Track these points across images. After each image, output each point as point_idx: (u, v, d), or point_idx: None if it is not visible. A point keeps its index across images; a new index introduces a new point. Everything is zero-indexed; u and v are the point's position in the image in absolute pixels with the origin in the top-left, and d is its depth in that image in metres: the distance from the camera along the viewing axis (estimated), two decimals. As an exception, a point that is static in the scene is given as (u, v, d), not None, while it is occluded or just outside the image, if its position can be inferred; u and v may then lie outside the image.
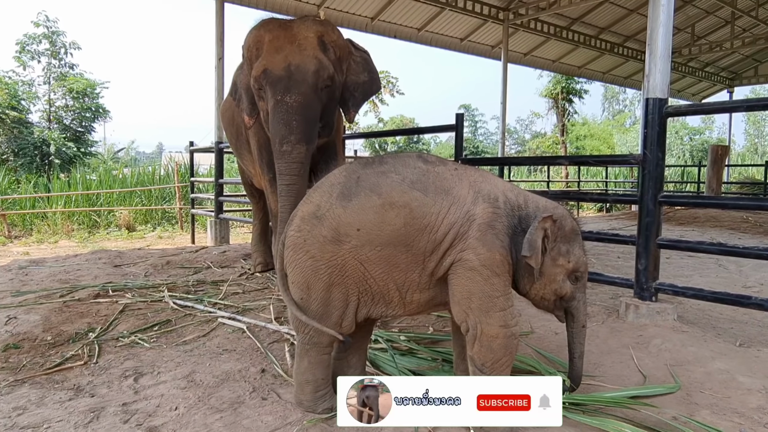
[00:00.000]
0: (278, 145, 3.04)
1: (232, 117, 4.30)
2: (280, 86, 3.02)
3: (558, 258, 1.90)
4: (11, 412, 2.05)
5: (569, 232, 1.93)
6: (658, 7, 2.97)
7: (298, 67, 3.04)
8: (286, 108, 3.00)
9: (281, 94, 3.01)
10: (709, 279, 4.33)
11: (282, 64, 3.03)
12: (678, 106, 3.09)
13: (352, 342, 2.09)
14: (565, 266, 1.90)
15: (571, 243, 1.92)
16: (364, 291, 1.90)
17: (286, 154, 3.03)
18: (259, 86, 3.13)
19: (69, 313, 3.29)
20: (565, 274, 1.91)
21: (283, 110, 3.00)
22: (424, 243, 1.82)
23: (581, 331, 2.01)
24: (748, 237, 6.91)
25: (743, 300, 2.80)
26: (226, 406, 2.10)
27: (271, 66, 3.05)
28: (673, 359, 2.55)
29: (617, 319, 3.11)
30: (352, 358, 2.17)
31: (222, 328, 3.05)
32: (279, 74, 3.02)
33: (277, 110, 3.02)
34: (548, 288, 1.91)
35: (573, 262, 1.92)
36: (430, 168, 1.92)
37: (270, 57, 3.08)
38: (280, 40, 3.12)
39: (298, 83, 3.02)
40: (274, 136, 3.08)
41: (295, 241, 1.90)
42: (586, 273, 2.01)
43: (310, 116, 3.10)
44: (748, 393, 2.22)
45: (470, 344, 1.87)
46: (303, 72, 3.04)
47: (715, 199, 6.38)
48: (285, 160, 3.05)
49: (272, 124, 3.07)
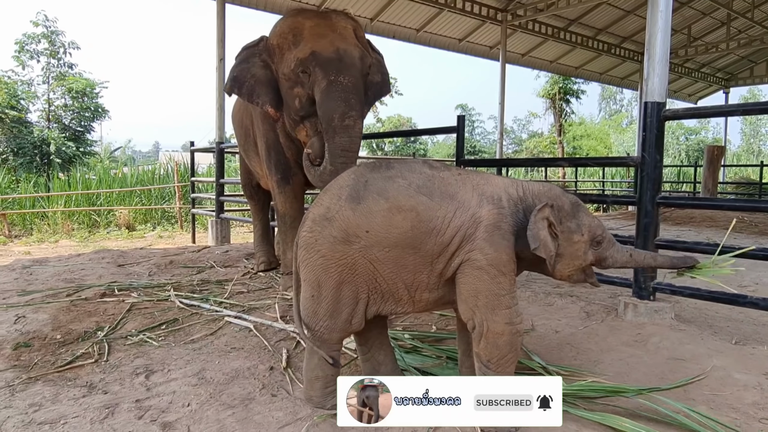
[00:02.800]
0: (339, 120, 2.95)
1: (242, 119, 4.34)
2: (332, 67, 2.99)
3: (572, 236, 1.95)
4: (27, 409, 2.10)
5: (571, 209, 1.97)
6: (656, 13, 3.04)
7: (346, 52, 3.05)
8: (342, 87, 2.98)
9: (334, 75, 2.98)
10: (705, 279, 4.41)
11: (330, 47, 3.03)
12: (676, 110, 3.15)
13: (372, 341, 2.15)
14: (582, 240, 1.96)
15: (577, 216, 1.97)
16: (374, 289, 1.96)
17: (350, 128, 2.97)
18: (304, 69, 3.06)
19: (77, 312, 3.34)
20: (585, 247, 1.97)
21: (340, 89, 2.98)
22: (431, 245, 1.88)
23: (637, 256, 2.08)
24: (743, 237, 6.99)
25: (739, 299, 2.87)
26: (237, 402, 2.16)
27: (320, 48, 3.03)
28: (670, 356, 2.62)
29: (616, 318, 3.18)
30: (379, 355, 2.22)
31: (229, 327, 3.10)
32: (329, 56, 3.01)
33: (332, 89, 2.98)
34: (573, 265, 1.98)
35: (587, 232, 1.97)
36: (435, 173, 1.98)
37: (316, 41, 3.06)
38: (322, 27, 3.13)
39: (348, 66, 3.02)
40: (331, 113, 2.97)
41: (307, 241, 1.97)
42: (606, 233, 2.03)
43: (362, 98, 3.12)
44: (743, 389, 2.29)
45: (476, 341, 1.93)
46: (351, 57, 3.06)
47: (712, 201, 6.47)
48: (348, 134, 2.98)
49: (327, 102, 2.99)
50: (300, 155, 3.73)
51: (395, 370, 2.24)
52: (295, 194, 3.84)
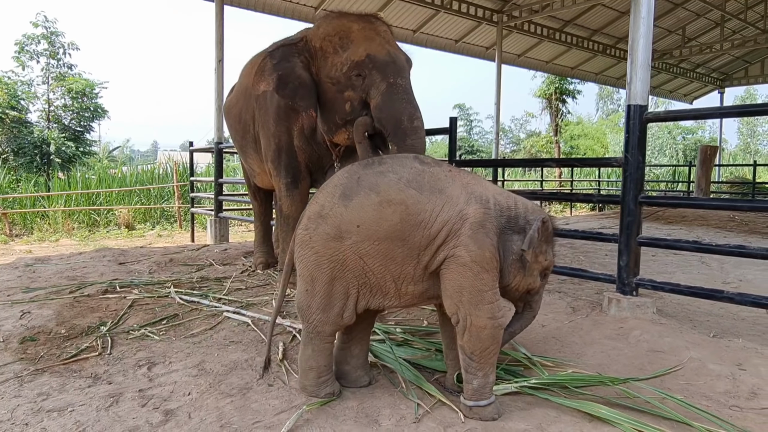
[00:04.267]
0: (407, 122, 2.95)
1: (239, 114, 4.28)
2: (390, 69, 3.01)
3: (539, 256, 2.08)
4: (36, 398, 2.21)
5: (550, 234, 2.11)
6: (638, 19, 3.16)
7: (396, 55, 3.09)
8: (403, 89, 3.00)
9: (393, 77, 3.00)
10: (691, 275, 4.54)
11: (383, 50, 3.05)
12: (657, 113, 3.28)
13: (355, 333, 2.27)
14: (542, 263, 2.09)
15: (549, 244, 2.11)
16: (364, 284, 2.07)
17: (419, 129, 2.97)
18: (359, 72, 3.05)
19: (80, 308, 3.45)
20: (539, 270, 2.11)
21: (402, 90, 2.99)
22: (419, 238, 1.99)
23: (532, 318, 2.25)
24: (733, 235, 7.12)
25: (716, 294, 2.99)
26: (235, 391, 2.27)
27: (374, 51, 3.03)
28: (650, 349, 2.74)
29: (600, 313, 3.30)
30: (354, 348, 2.34)
31: (227, 322, 3.21)
32: (385, 59, 3.03)
33: (394, 91, 2.98)
34: (525, 282, 2.10)
35: (548, 260, 2.11)
36: (426, 168, 2.09)
37: (369, 44, 3.06)
38: (368, 31, 3.13)
39: (401, 68, 3.06)
40: (399, 114, 2.96)
41: (302, 238, 2.09)
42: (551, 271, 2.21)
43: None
44: (716, 379, 2.41)
45: (460, 334, 2.04)
46: (401, 59, 3.10)
47: (693, 200, 6.60)
48: (418, 136, 2.97)
49: (392, 104, 2.98)
50: (311, 159, 3.78)
51: (363, 366, 2.35)
52: (302, 198, 3.86)
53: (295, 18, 9.54)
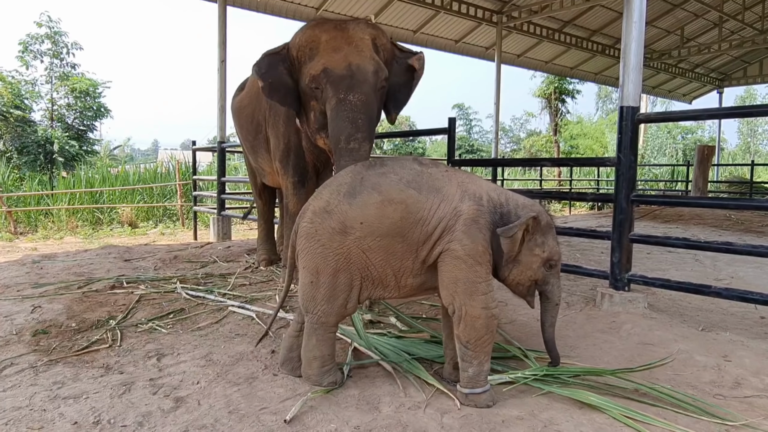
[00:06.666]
0: (344, 143, 2.94)
1: (252, 114, 4.32)
2: (343, 85, 2.97)
3: (534, 248, 2.19)
4: (52, 386, 2.32)
5: (545, 227, 2.22)
6: (630, 23, 3.26)
7: (359, 67, 2.99)
8: (350, 106, 2.95)
9: (344, 93, 2.95)
10: (684, 272, 4.64)
11: (343, 63, 3.00)
12: (648, 114, 3.39)
13: None
14: (540, 256, 2.20)
15: (545, 235, 2.22)
16: (366, 276, 2.18)
17: (354, 151, 2.93)
18: (316, 85, 3.05)
19: (89, 302, 3.56)
20: (540, 263, 2.21)
21: (348, 108, 2.95)
22: (418, 234, 2.11)
23: (555, 307, 2.32)
24: (728, 234, 7.21)
25: (704, 289, 3.10)
26: (242, 380, 2.38)
27: (332, 65, 3.00)
28: (640, 341, 2.85)
29: (593, 308, 3.41)
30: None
31: (232, 316, 3.32)
32: (341, 73, 2.98)
33: (340, 108, 2.96)
34: (525, 274, 2.21)
35: (547, 252, 2.21)
36: (424, 169, 2.22)
37: (329, 56, 3.03)
38: (338, 41, 3.09)
39: (360, 83, 2.98)
40: (338, 134, 2.96)
41: (308, 231, 2.19)
42: (560, 261, 2.31)
43: (372, 116, 3.06)
44: (702, 370, 2.52)
45: (456, 324, 2.15)
46: (364, 72, 3.00)
47: (684, 198, 6.71)
48: (352, 157, 2.92)
49: (335, 122, 2.98)
50: (319, 160, 3.85)
51: None
52: (308, 197, 3.93)
53: (297, 18, 9.63)
